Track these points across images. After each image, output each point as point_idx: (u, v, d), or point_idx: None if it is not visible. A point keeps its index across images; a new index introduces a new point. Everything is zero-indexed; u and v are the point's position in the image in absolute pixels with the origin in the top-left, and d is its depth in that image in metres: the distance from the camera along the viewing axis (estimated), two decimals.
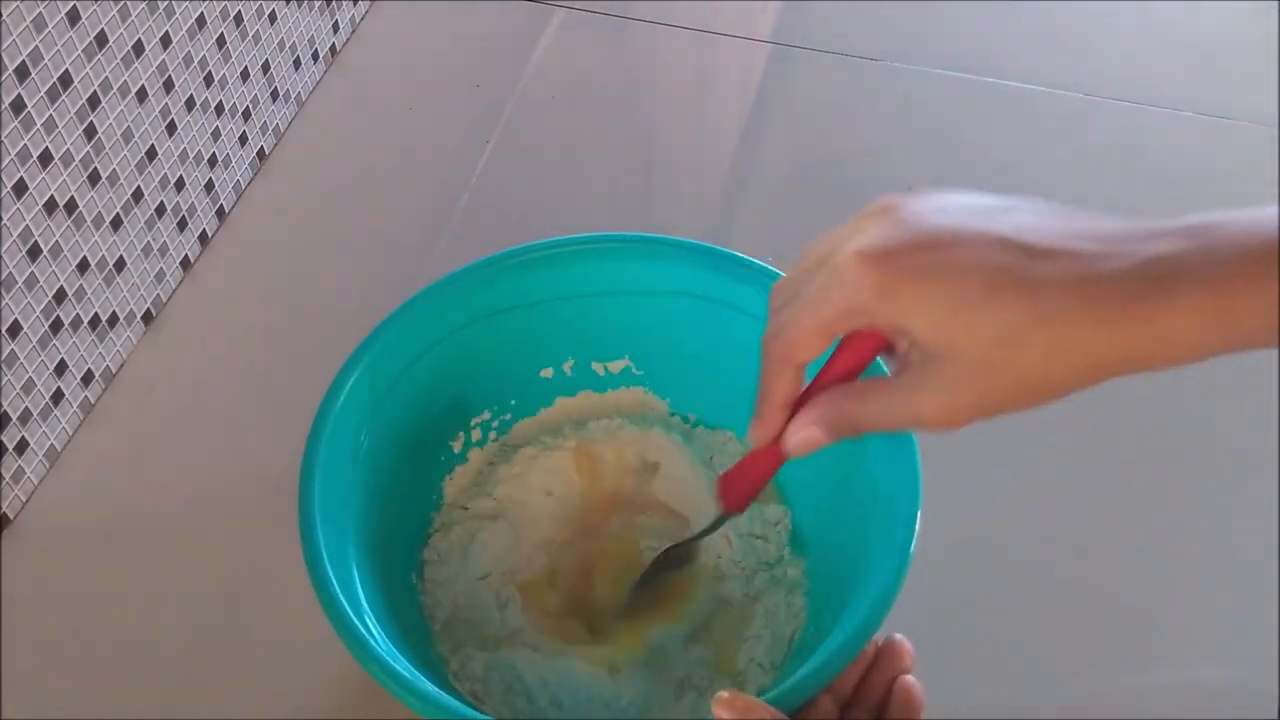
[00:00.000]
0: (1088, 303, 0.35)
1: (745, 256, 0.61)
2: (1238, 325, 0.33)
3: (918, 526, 0.50)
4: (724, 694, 0.42)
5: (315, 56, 0.96)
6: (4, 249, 0.65)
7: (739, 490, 0.51)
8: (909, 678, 0.47)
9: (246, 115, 0.87)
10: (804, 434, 0.43)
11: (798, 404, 0.43)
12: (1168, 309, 0.34)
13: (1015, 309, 0.35)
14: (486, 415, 0.66)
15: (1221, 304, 0.33)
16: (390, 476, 0.58)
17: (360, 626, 0.47)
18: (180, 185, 0.80)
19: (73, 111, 0.68)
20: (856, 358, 0.42)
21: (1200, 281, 0.33)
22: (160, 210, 0.79)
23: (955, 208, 0.38)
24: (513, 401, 0.66)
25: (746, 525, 0.62)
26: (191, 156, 0.81)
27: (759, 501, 0.62)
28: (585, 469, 0.65)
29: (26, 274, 0.67)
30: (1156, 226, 0.35)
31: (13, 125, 0.63)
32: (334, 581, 0.48)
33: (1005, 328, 0.36)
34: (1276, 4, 1.05)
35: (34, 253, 0.67)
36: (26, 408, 0.69)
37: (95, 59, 0.69)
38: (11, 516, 0.70)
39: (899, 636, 0.49)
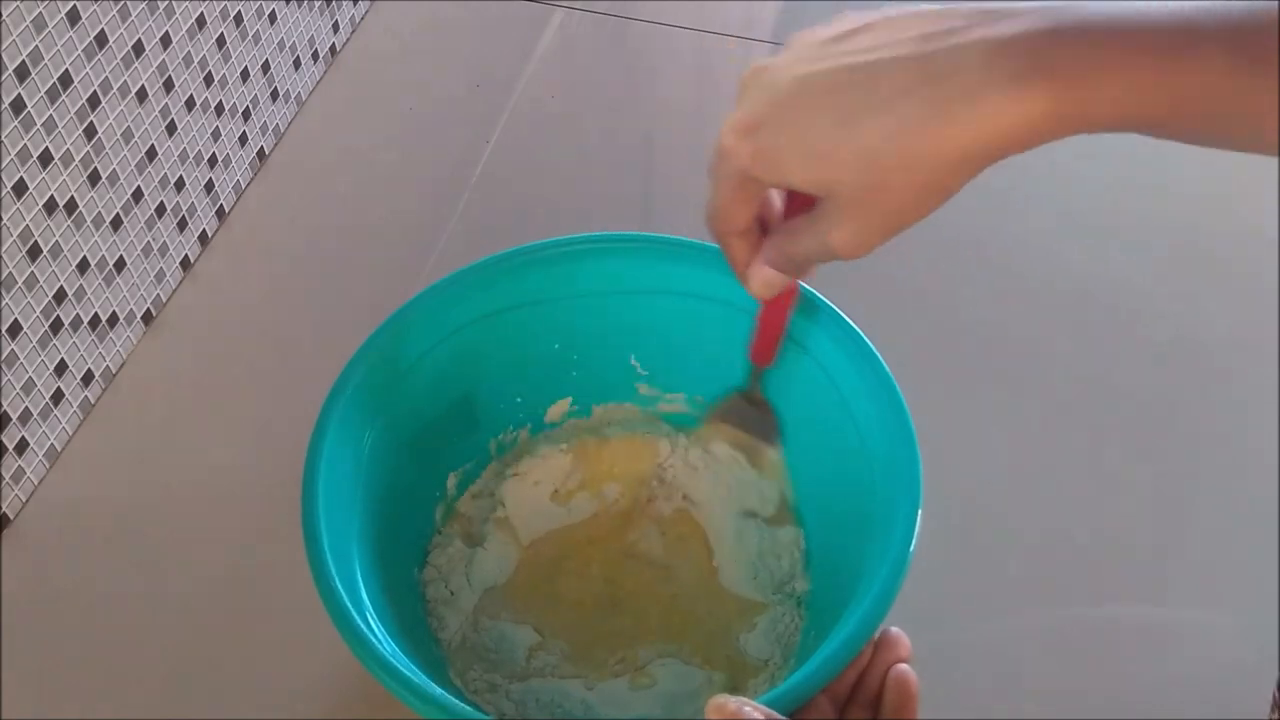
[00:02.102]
0: (936, 104, 0.36)
1: None
2: (1086, 108, 0.35)
3: (917, 527, 0.50)
4: (717, 699, 0.43)
5: (315, 56, 0.96)
6: (4, 249, 0.65)
7: (764, 343, 0.57)
8: (903, 667, 0.47)
9: (246, 115, 0.87)
10: (760, 274, 0.48)
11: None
12: (1016, 97, 0.35)
13: (867, 133, 0.37)
14: (494, 413, 0.66)
15: (1066, 89, 0.34)
16: (394, 475, 0.58)
17: (363, 625, 0.47)
18: (180, 185, 0.80)
19: (73, 111, 0.68)
20: (800, 203, 0.46)
21: (1046, 68, 0.34)
22: (160, 210, 0.79)
23: (810, 53, 0.40)
24: (519, 400, 0.66)
25: (758, 544, 0.62)
26: (191, 156, 0.81)
27: (773, 525, 0.63)
28: (591, 474, 0.65)
29: (26, 274, 0.67)
30: (1004, 7, 0.36)
31: (13, 125, 0.63)
32: (336, 578, 0.48)
33: (862, 154, 0.38)
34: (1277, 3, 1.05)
35: (34, 253, 0.67)
36: (26, 408, 0.69)
37: (95, 59, 0.69)
38: (11, 516, 0.70)
39: (895, 629, 0.49)
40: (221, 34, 0.82)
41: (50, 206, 0.68)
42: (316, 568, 0.49)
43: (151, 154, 0.76)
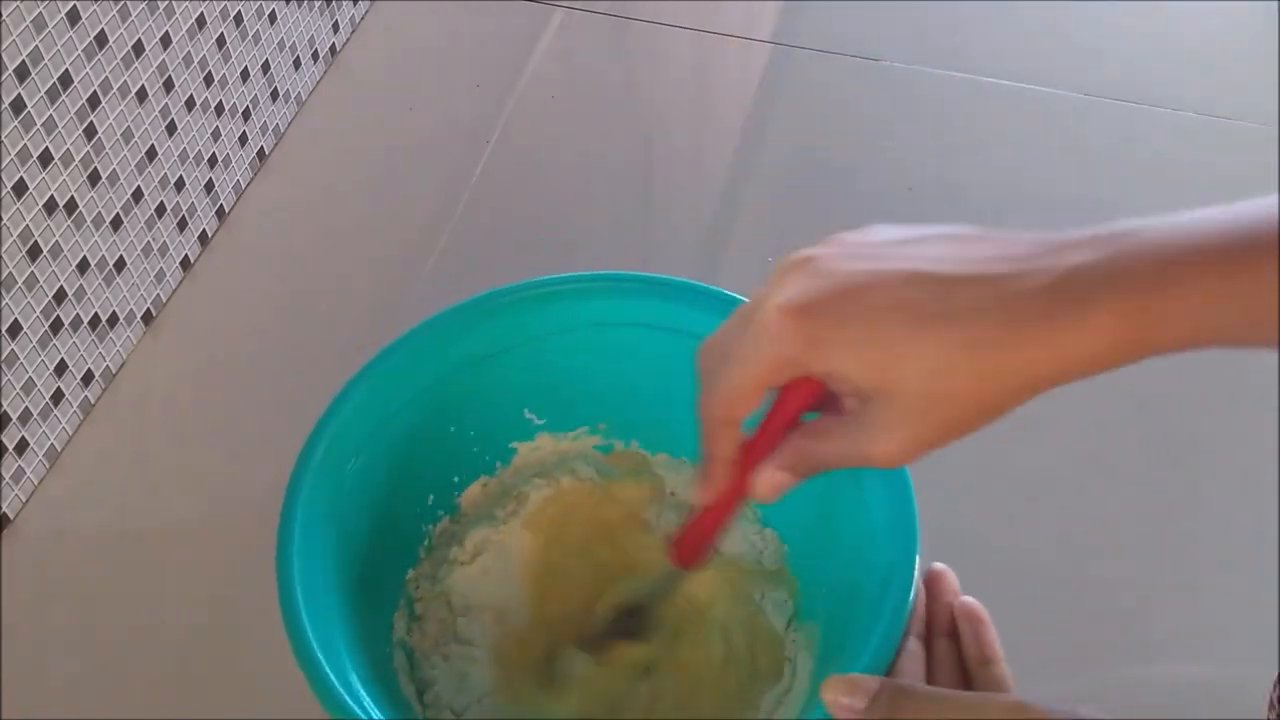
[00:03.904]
0: (1010, 325, 0.35)
1: (701, 285, 0.58)
2: (1156, 330, 0.34)
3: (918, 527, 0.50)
4: (831, 679, 0.42)
5: (315, 56, 0.96)
6: (4, 249, 0.65)
7: (692, 547, 0.49)
8: (966, 598, 0.47)
9: (246, 115, 0.87)
10: (771, 479, 0.43)
11: (743, 456, 0.44)
12: (1084, 322, 0.35)
13: (940, 343, 0.36)
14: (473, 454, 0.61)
15: (1135, 311, 0.34)
16: (375, 516, 0.56)
17: (331, 676, 0.46)
18: (180, 185, 0.80)
19: (73, 111, 0.68)
20: (796, 405, 0.42)
21: (1112, 290, 0.34)
22: (160, 210, 0.79)
23: (868, 251, 0.39)
24: (511, 445, 0.62)
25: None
26: (191, 156, 0.81)
27: (766, 589, 0.59)
28: (557, 530, 0.61)
29: (26, 274, 0.67)
30: (1067, 239, 0.36)
31: (13, 125, 0.63)
32: (307, 625, 0.47)
33: (933, 363, 0.36)
34: (1277, 4, 1.05)
35: (34, 253, 0.67)
36: (26, 408, 0.69)
37: (95, 59, 0.69)
38: (11, 516, 0.70)
39: (939, 565, 0.49)
40: (221, 34, 0.82)
41: (50, 206, 0.68)
42: (288, 612, 0.48)
43: (151, 154, 0.76)
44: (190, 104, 0.79)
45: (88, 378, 0.75)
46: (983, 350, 0.36)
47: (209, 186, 0.84)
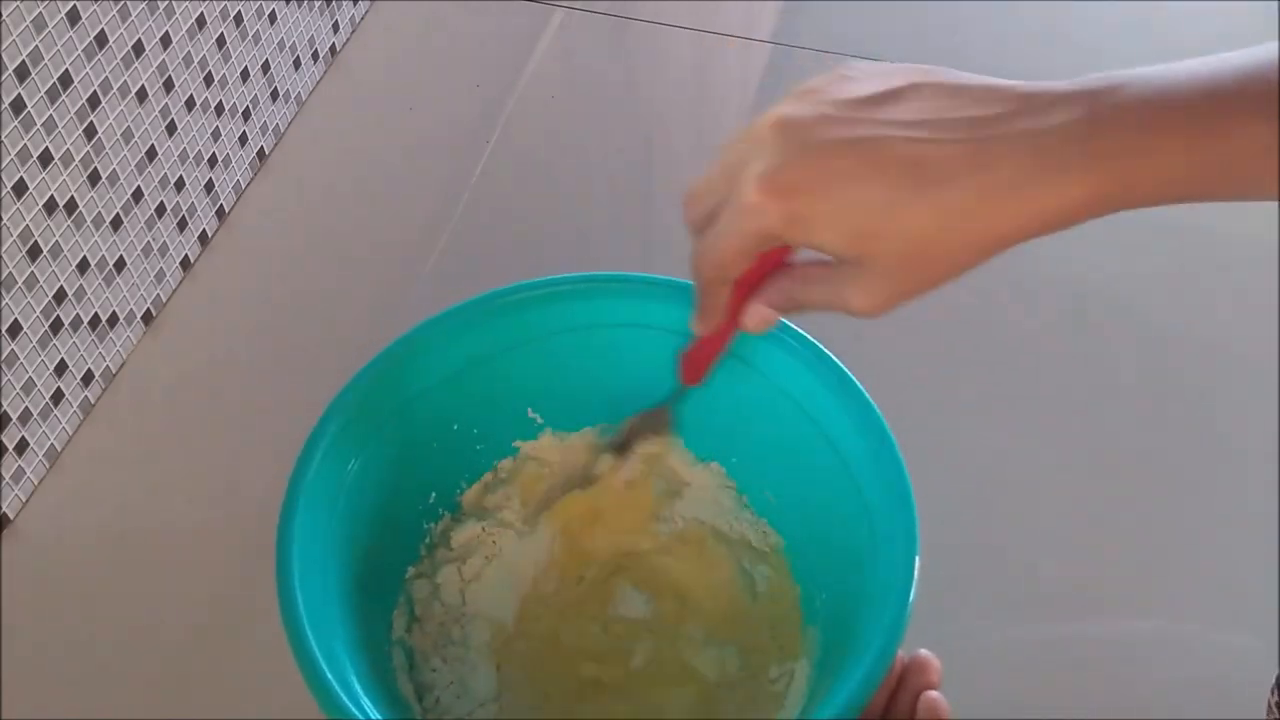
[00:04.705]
0: (983, 194, 0.37)
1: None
2: (1127, 189, 0.36)
3: (919, 531, 0.50)
4: None
5: (315, 56, 0.96)
6: (4, 249, 0.65)
7: (696, 365, 0.54)
8: (934, 693, 0.47)
9: (246, 115, 0.87)
10: (760, 314, 0.47)
11: (735, 292, 0.47)
12: (1058, 190, 0.36)
13: (915, 214, 0.38)
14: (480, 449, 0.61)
15: (1108, 175, 0.36)
16: (372, 522, 0.56)
17: (334, 684, 0.46)
18: (180, 185, 0.80)
19: (73, 111, 0.68)
20: (780, 255, 0.46)
21: (1087, 156, 0.36)
22: (160, 210, 0.79)
23: (844, 114, 0.40)
24: (514, 444, 0.62)
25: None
26: (191, 156, 0.81)
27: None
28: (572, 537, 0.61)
29: (26, 274, 0.67)
30: (1049, 93, 0.37)
31: (13, 125, 0.63)
32: (310, 637, 0.47)
33: (908, 233, 0.38)
34: (1277, 4, 1.05)
35: (34, 253, 0.67)
36: (26, 408, 0.69)
37: (95, 59, 0.69)
38: (11, 516, 0.70)
39: (925, 652, 0.49)
40: (221, 34, 0.82)
41: (50, 206, 0.68)
42: (289, 619, 0.48)
43: (151, 154, 0.76)
44: (190, 104, 0.79)
45: (88, 378, 0.75)
46: (956, 219, 0.37)
47: (209, 186, 0.84)
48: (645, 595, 0.60)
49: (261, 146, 0.90)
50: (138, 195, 0.76)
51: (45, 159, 0.67)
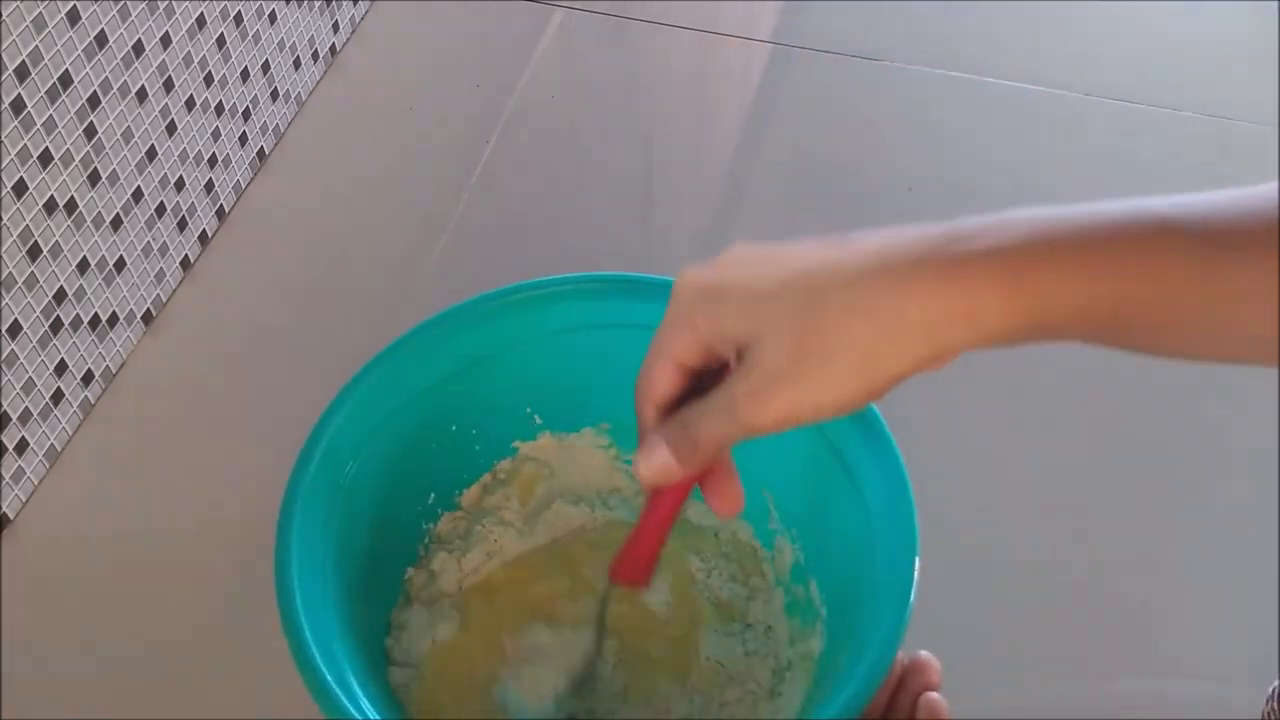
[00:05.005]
0: (892, 286, 0.36)
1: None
2: (1043, 306, 0.35)
3: (918, 534, 0.50)
4: None
5: (315, 56, 0.96)
6: (4, 249, 0.65)
7: (636, 556, 0.48)
8: (934, 694, 0.47)
9: (246, 115, 0.87)
10: (650, 455, 0.42)
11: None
12: (965, 277, 0.35)
13: (815, 285, 0.37)
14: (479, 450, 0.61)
15: (1018, 280, 0.35)
16: (373, 515, 0.56)
17: (328, 677, 0.46)
18: (180, 185, 0.80)
19: (73, 111, 0.68)
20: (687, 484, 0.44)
21: (998, 254, 0.36)
22: (160, 210, 0.79)
23: (756, 254, 0.40)
24: (513, 444, 0.63)
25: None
26: (191, 156, 0.81)
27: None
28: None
29: (26, 274, 0.67)
30: (954, 231, 0.37)
31: (13, 125, 0.63)
32: (306, 628, 0.47)
33: (802, 293, 0.37)
34: (1277, 4, 1.05)
35: (34, 253, 0.67)
36: (26, 408, 0.69)
37: (95, 59, 0.69)
38: (11, 516, 0.70)
39: (925, 653, 0.49)
40: (221, 34, 0.82)
41: (50, 206, 0.68)
42: (286, 615, 0.48)
43: (151, 154, 0.76)
44: (190, 104, 0.79)
45: (88, 378, 0.75)
46: (859, 299, 0.36)
47: (209, 186, 0.84)
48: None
49: (261, 146, 0.90)
50: (138, 195, 0.76)
51: (45, 159, 0.67)
